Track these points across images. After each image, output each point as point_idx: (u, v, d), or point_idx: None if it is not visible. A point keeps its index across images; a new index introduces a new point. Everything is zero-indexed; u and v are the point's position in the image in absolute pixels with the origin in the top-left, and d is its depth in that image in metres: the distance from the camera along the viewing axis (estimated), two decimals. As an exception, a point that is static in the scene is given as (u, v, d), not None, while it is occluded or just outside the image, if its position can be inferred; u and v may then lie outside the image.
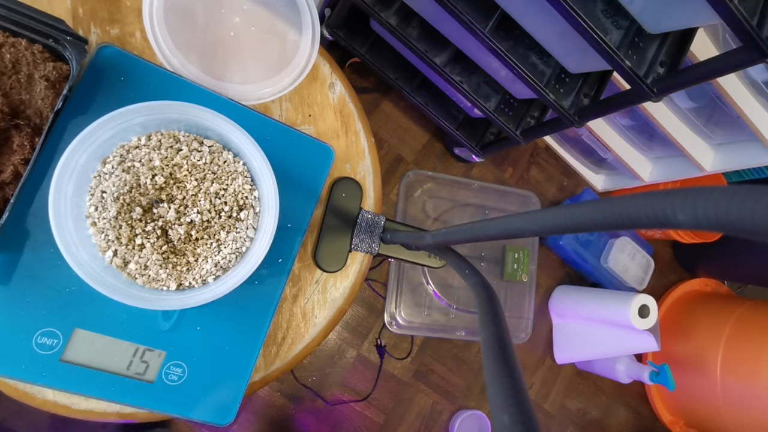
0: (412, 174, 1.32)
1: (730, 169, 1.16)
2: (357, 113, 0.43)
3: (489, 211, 1.41)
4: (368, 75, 1.32)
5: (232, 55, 0.36)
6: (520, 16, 0.77)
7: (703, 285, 1.65)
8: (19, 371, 0.27)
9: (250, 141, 0.31)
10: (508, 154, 1.52)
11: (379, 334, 1.28)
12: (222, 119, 0.31)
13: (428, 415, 1.33)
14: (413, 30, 0.96)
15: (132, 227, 0.28)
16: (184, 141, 0.31)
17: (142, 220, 0.28)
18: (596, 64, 0.76)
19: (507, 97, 1.03)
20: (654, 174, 1.38)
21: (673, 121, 1.13)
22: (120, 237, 0.27)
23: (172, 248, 0.29)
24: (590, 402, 1.53)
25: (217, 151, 0.32)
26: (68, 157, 0.26)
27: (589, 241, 1.49)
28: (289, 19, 0.38)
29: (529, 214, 0.18)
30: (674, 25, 0.68)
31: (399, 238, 0.36)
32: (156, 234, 0.28)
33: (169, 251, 0.29)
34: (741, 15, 0.55)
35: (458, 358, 1.38)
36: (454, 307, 1.31)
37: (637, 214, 0.12)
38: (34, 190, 0.21)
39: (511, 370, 0.16)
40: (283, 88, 0.37)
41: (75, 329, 0.28)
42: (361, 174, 0.43)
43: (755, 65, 0.63)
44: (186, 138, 0.31)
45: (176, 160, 0.30)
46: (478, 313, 0.21)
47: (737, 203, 0.09)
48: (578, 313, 1.43)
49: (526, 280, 1.39)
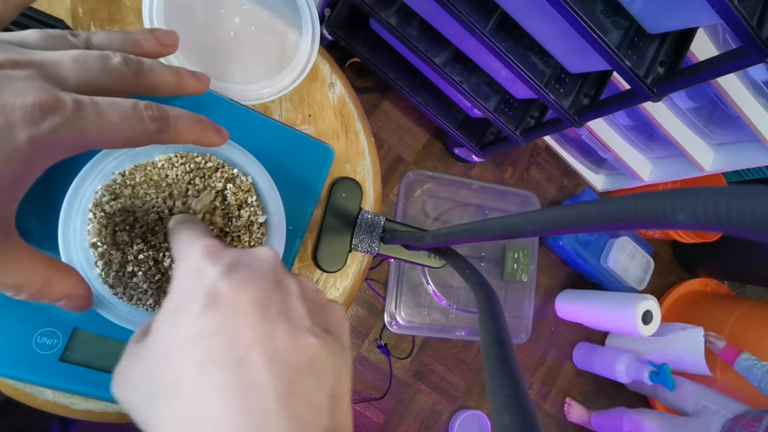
0: (412, 174, 1.32)
1: (730, 169, 1.16)
2: (357, 113, 0.43)
3: (489, 211, 1.41)
4: (368, 75, 1.32)
5: (232, 54, 0.36)
6: (520, 16, 0.77)
7: (703, 285, 1.65)
8: (18, 371, 0.27)
9: (259, 167, 0.31)
10: (508, 154, 1.52)
11: (379, 334, 1.28)
12: (236, 149, 0.30)
13: (428, 415, 1.33)
14: (413, 30, 0.96)
15: (124, 252, 0.26)
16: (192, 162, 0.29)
17: (132, 245, 0.26)
18: (596, 64, 0.76)
19: (507, 97, 1.03)
20: (654, 174, 1.38)
21: (673, 121, 1.13)
22: (111, 262, 0.26)
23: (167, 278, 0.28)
24: (590, 402, 1.52)
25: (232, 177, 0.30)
26: (75, 186, 0.26)
27: (589, 241, 1.49)
28: (289, 19, 0.38)
29: (529, 214, 0.18)
30: (674, 25, 0.68)
31: (399, 238, 0.36)
32: (148, 264, 0.27)
33: (164, 281, 0.28)
34: (741, 15, 0.55)
35: (458, 358, 1.38)
36: (454, 307, 1.31)
37: (637, 214, 0.12)
38: (35, 189, 0.21)
39: (511, 370, 0.16)
40: (283, 88, 0.37)
41: (75, 329, 0.28)
42: (361, 174, 0.43)
43: (755, 65, 0.63)
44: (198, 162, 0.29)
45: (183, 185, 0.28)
46: (478, 313, 0.21)
47: (737, 203, 0.09)
48: (584, 319, 1.44)
49: (526, 280, 1.40)
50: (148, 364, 0.18)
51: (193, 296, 0.18)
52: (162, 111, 0.21)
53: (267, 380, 0.16)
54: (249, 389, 0.16)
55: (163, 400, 0.17)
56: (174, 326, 0.18)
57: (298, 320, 0.19)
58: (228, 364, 0.16)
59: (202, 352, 0.17)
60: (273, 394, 0.16)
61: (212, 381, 0.16)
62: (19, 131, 0.16)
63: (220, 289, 0.18)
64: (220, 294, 0.18)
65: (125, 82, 0.21)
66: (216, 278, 0.19)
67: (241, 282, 0.19)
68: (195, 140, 0.23)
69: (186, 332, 0.17)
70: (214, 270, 0.19)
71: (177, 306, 0.19)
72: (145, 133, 0.20)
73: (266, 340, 0.17)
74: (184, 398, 0.16)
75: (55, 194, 0.26)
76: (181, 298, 0.19)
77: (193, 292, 0.19)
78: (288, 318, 0.19)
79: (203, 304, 0.18)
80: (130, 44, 0.23)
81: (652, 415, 1.26)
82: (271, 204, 0.31)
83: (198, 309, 0.18)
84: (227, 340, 0.17)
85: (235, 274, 0.19)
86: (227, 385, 0.16)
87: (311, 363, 0.18)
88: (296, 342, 0.18)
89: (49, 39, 0.20)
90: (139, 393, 0.18)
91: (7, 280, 0.19)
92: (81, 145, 0.18)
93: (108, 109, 0.19)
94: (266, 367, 0.17)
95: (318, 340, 0.19)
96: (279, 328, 0.18)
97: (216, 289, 0.18)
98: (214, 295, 0.18)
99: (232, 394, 0.16)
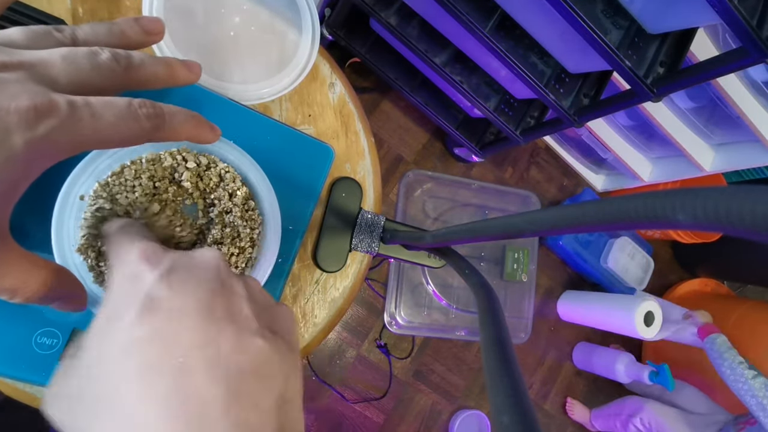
0: (412, 174, 1.32)
1: (730, 169, 1.16)
2: (357, 113, 0.43)
3: (489, 211, 1.41)
4: (368, 75, 1.32)
5: (232, 54, 0.36)
6: (520, 16, 0.77)
7: (703, 285, 1.65)
8: (18, 371, 0.27)
9: (254, 164, 0.30)
10: (508, 154, 1.52)
11: (379, 334, 1.28)
12: (231, 147, 0.30)
13: (428, 415, 1.33)
14: (413, 30, 0.96)
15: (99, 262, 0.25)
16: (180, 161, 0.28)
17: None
18: (596, 64, 0.76)
19: (507, 97, 1.03)
20: (654, 174, 1.38)
21: (673, 121, 1.13)
22: (102, 273, 0.26)
23: None
24: (590, 402, 1.52)
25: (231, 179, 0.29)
26: (68, 187, 0.26)
27: (589, 241, 1.49)
28: (289, 19, 0.38)
29: (529, 214, 0.18)
30: (674, 25, 0.68)
31: (399, 238, 0.36)
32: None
33: None
34: (741, 15, 0.55)
35: (458, 358, 1.38)
36: (454, 307, 1.31)
37: (637, 214, 0.12)
38: (34, 189, 0.21)
39: (511, 370, 0.16)
40: (283, 88, 0.37)
41: (74, 329, 0.28)
42: (361, 174, 0.43)
43: (755, 65, 0.63)
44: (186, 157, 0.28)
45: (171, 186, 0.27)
46: (478, 313, 0.21)
47: (737, 203, 0.09)
48: (587, 322, 1.44)
49: (526, 280, 1.39)
50: (81, 378, 0.17)
51: (128, 303, 0.17)
52: (156, 108, 0.20)
53: (209, 386, 0.16)
54: (190, 397, 0.15)
55: (100, 415, 0.16)
56: (107, 335, 0.17)
57: (244, 322, 0.18)
58: (167, 372, 0.16)
59: (139, 361, 0.16)
60: (216, 401, 0.15)
61: (150, 390, 0.15)
62: (15, 135, 0.16)
63: (158, 293, 0.17)
64: (158, 298, 0.17)
65: (116, 79, 0.21)
66: (154, 282, 0.18)
67: (182, 285, 0.18)
68: (190, 137, 0.23)
69: (120, 341, 0.16)
70: (152, 274, 0.18)
71: (110, 315, 0.18)
72: (140, 131, 0.20)
73: (208, 344, 0.17)
74: (121, 410, 0.15)
75: (48, 195, 0.26)
76: (115, 306, 0.18)
77: (128, 298, 0.18)
78: (233, 320, 0.18)
79: (139, 310, 0.17)
80: (116, 36, 0.22)
81: (653, 401, 1.27)
82: (266, 202, 0.31)
83: (133, 316, 0.17)
84: (165, 346, 0.16)
85: (175, 277, 0.18)
86: (167, 393, 0.15)
87: (258, 366, 0.17)
88: (242, 345, 0.17)
89: (35, 37, 0.20)
90: (74, 411, 0.17)
91: (2, 284, 0.19)
92: (77, 146, 0.18)
93: (102, 109, 0.18)
94: (208, 373, 0.16)
95: (265, 342, 0.18)
96: (223, 331, 0.17)
97: (153, 293, 0.17)
98: (151, 300, 0.17)
99: (172, 403, 0.15)
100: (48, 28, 0.21)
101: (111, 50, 0.21)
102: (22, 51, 0.19)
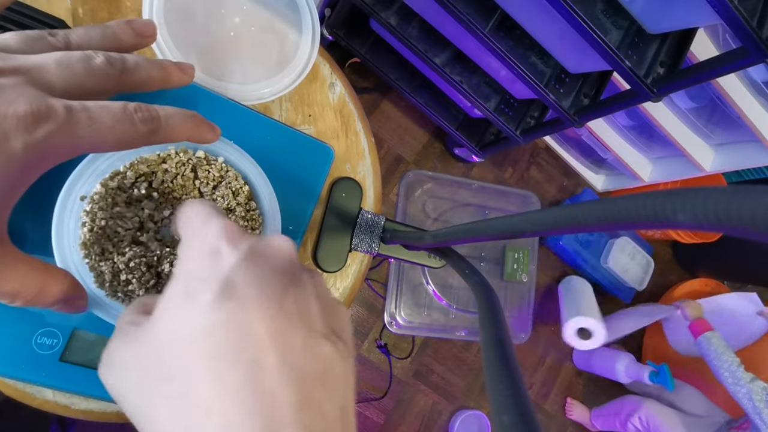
0: (412, 174, 1.32)
1: (730, 169, 1.16)
2: (357, 113, 0.43)
3: (489, 211, 1.41)
4: (368, 75, 1.32)
5: (232, 54, 0.36)
6: (520, 16, 0.77)
7: (703, 285, 1.64)
8: (18, 371, 0.27)
9: (253, 163, 0.30)
10: (508, 154, 1.52)
11: (379, 334, 1.28)
12: (231, 146, 0.30)
13: (428, 415, 1.33)
14: (413, 30, 0.96)
15: (114, 262, 0.25)
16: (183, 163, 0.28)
17: (123, 254, 0.26)
18: (596, 64, 0.76)
19: (507, 97, 1.03)
20: (654, 174, 1.38)
21: (673, 121, 1.13)
22: (103, 274, 0.26)
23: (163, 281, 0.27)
24: (590, 402, 1.52)
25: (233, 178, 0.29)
26: (67, 189, 0.26)
27: (589, 241, 1.49)
28: (289, 19, 0.38)
29: (529, 214, 0.18)
30: (674, 26, 0.68)
31: (399, 238, 0.36)
32: (141, 270, 0.27)
33: (160, 284, 0.27)
34: (741, 15, 0.55)
35: (458, 358, 1.38)
36: (454, 307, 1.31)
37: (637, 214, 0.12)
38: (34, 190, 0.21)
39: (511, 370, 0.16)
40: (283, 88, 0.37)
41: (74, 329, 0.28)
42: (361, 174, 0.43)
43: (755, 65, 0.63)
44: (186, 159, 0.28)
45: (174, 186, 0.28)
46: (478, 313, 0.21)
47: (737, 203, 0.09)
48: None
49: (526, 280, 1.39)
50: (148, 351, 0.17)
51: (207, 280, 0.17)
52: (152, 112, 0.20)
53: (281, 387, 0.15)
54: (262, 395, 0.15)
55: (163, 394, 0.16)
56: (183, 312, 0.17)
57: (313, 322, 0.18)
58: (241, 365, 0.15)
59: (214, 348, 0.16)
60: (287, 404, 0.15)
61: (223, 382, 0.15)
62: (13, 140, 0.17)
63: (236, 278, 0.17)
64: (235, 284, 0.17)
65: (110, 82, 0.21)
66: (234, 265, 0.17)
67: (258, 274, 0.17)
68: (189, 137, 0.23)
69: (196, 322, 0.16)
70: (233, 255, 0.18)
71: (187, 290, 0.17)
72: (136, 135, 0.20)
73: (282, 343, 0.16)
74: (189, 396, 0.15)
75: (45, 197, 0.26)
76: (192, 281, 0.17)
77: (207, 274, 0.17)
78: (303, 318, 0.18)
79: (218, 293, 0.16)
80: (109, 39, 0.23)
81: (652, 401, 1.27)
82: (266, 202, 0.31)
83: (211, 297, 0.16)
84: (241, 338, 0.16)
85: (253, 264, 0.17)
86: (239, 388, 0.15)
87: (324, 372, 0.17)
88: (311, 348, 0.17)
89: (29, 41, 0.20)
90: (132, 382, 0.17)
91: (2, 289, 0.19)
92: (74, 150, 0.19)
93: (99, 113, 0.19)
94: (281, 373, 0.16)
95: (332, 347, 0.18)
96: (294, 329, 0.17)
97: (232, 277, 0.17)
98: (229, 285, 0.17)
99: (244, 398, 0.15)
100: (42, 33, 0.21)
101: (105, 54, 0.21)
102: (17, 56, 0.19)
